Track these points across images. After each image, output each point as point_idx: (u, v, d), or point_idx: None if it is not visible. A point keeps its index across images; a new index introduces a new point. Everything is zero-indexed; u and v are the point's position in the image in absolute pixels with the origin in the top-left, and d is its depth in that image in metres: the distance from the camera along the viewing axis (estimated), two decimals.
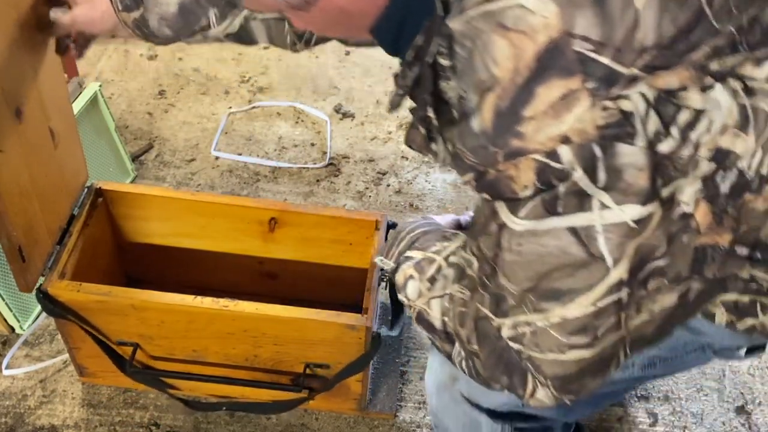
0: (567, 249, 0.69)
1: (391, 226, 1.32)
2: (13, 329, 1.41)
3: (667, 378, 1.47)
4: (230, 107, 1.98)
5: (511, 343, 0.79)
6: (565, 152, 0.64)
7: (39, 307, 1.34)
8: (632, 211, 0.65)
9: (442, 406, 1.08)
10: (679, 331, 0.81)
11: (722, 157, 0.66)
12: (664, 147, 0.64)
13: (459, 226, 1.06)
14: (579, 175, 0.65)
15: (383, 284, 1.30)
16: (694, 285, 0.72)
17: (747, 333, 0.81)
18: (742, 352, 0.90)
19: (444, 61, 0.69)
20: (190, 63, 2.10)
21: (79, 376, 1.37)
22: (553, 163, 0.65)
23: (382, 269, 1.26)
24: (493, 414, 1.02)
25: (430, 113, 0.74)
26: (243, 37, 1.10)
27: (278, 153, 1.86)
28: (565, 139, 0.64)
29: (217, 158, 1.83)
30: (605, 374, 0.78)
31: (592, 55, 0.62)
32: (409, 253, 0.97)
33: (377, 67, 2.09)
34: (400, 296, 0.96)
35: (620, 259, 0.68)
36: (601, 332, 0.73)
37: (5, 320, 1.39)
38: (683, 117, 0.64)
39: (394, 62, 0.76)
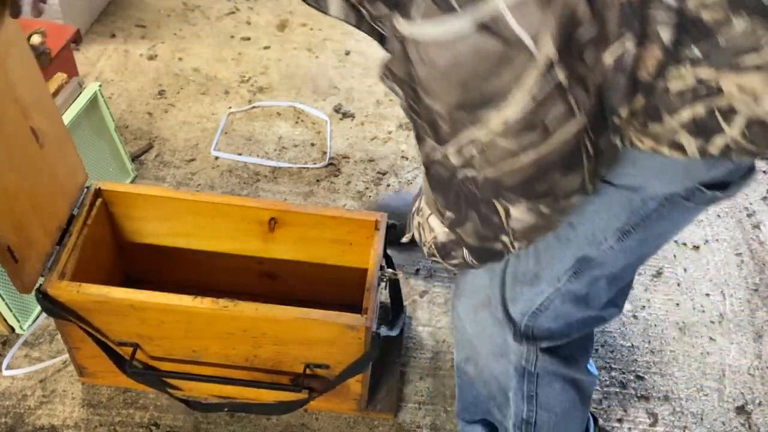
0: (480, 47, 0.62)
1: (391, 226, 1.32)
2: (13, 329, 1.41)
3: (667, 378, 1.47)
4: (230, 107, 1.97)
5: (464, 171, 0.74)
6: None
7: (39, 308, 1.34)
8: None
9: (479, 330, 1.06)
10: (647, 182, 0.78)
11: None
12: None
13: None
14: None
15: (383, 284, 1.30)
16: (629, 46, 0.64)
17: (723, 156, 0.71)
18: (728, 191, 0.85)
19: None
20: (190, 63, 2.10)
21: (78, 377, 1.37)
22: None
23: (381, 268, 1.26)
24: (520, 335, 1.01)
25: None
26: None
27: (278, 153, 1.85)
28: None
29: (217, 158, 1.83)
30: (576, 170, 0.72)
31: None
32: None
33: (377, 67, 2.09)
34: (426, 245, 0.94)
35: (539, 33, 0.61)
36: (551, 124, 0.66)
37: (5, 320, 1.39)
38: None
39: None
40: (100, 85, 1.57)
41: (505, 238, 0.80)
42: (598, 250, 0.89)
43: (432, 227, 0.92)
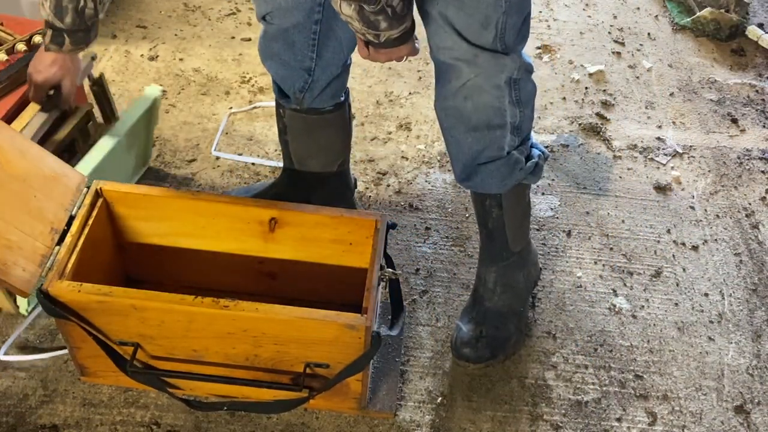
0: None
1: (391, 226, 1.33)
2: (18, 308, 1.43)
3: (666, 377, 1.47)
4: (231, 107, 1.98)
5: None
6: None
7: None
8: None
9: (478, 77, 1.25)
10: None
11: None
12: None
13: None
14: None
15: (383, 284, 1.31)
16: None
17: None
18: None
19: None
20: (191, 63, 2.10)
21: (79, 376, 1.37)
22: None
23: (381, 268, 1.26)
24: (506, 54, 1.24)
25: None
26: None
27: (278, 153, 1.86)
28: None
29: (217, 158, 1.84)
30: None
31: None
32: None
33: (377, 68, 2.10)
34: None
35: None
36: None
37: (12, 300, 1.40)
38: None
39: (393, 63, 0.76)
40: (163, 91, 1.61)
41: None
42: None
43: (349, 15, 1.11)
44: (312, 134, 1.50)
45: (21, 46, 1.58)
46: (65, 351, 1.38)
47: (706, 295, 1.63)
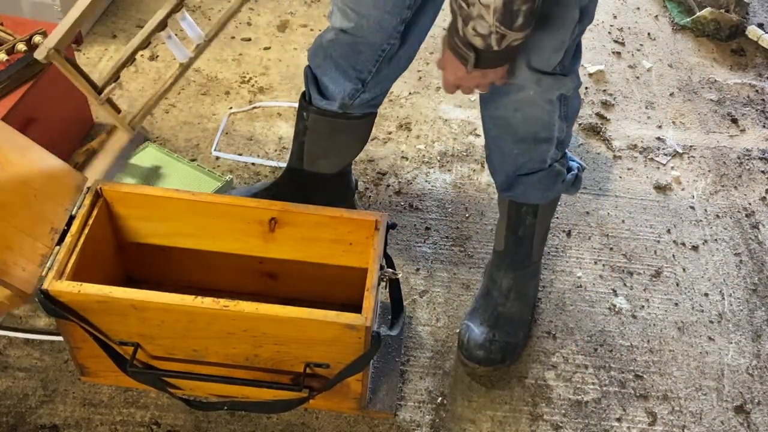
0: None
1: (391, 226, 1.33)
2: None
3: (666, 377, 1.47)
4: (231, 107, 1.98)
5: None
6: None
7: None
8: None
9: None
10: None
11: None
12: None
13: None
14: None
15: (383, 284, 1.31)
16: None
17: None
18: None
19: None
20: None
21: (80, 376, 1.37)
22: None
23: (381, 268, 1.26)
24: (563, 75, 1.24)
25: None
26: None
27: (279, 153, 1.86)
28: None
29: (217, 158, 1.84)
30: None
31: None
32: None
33: None
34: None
35: None
36: None
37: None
38: None
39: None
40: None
41: None
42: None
43: (487, 4, 0.98)
44: (333, 136, 1.49)
45: (21, 46, 1.58)
46: (66, 356, 1.38)
47: (706, 295, 1.63)
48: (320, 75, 1.41)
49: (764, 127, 2.05)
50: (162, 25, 1.44)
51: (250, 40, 2.20)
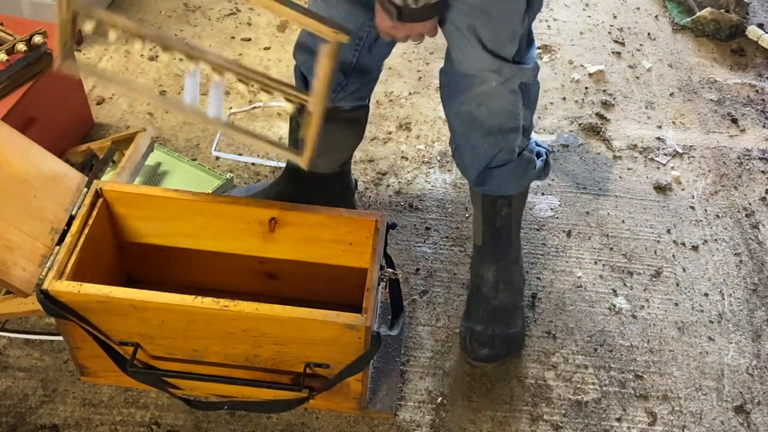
0: None
1: (391, 226, 1.33)
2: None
3: (666, 377, 1.47)
4: (231, 107, 1.98)
5: None
6: None
7: None
8: None
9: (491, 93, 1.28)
10: None
11: None
12: None
13: None
14: None
15: (383, 284, 1.31)
16: None
17: None
18: None
19: None
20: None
21: (80, 376, 1.37)
22: None
23: (381, 268, 1.26)
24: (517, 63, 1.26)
25: None
26: None
27: (278, 153, 1.86)
28: None
29: (217, 158, 1.84)
30: None
31: None
32: None
33: None
34: None
35: None
36: None
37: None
38: None
39: (393, 63, 0.76)
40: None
41: None
42: None
43: None
44: (327, 132, 1.49)
45: (21, 46, 1.58)
46: (66, 356, 1.38)
47: (706, 295, 1.63)
48: (303, 70, 1.42)
49: (764, 127, 2.05)
50: (215, 69, 1.30)
51: (250, 40, 2.20)
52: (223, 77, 1.23)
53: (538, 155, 1.45)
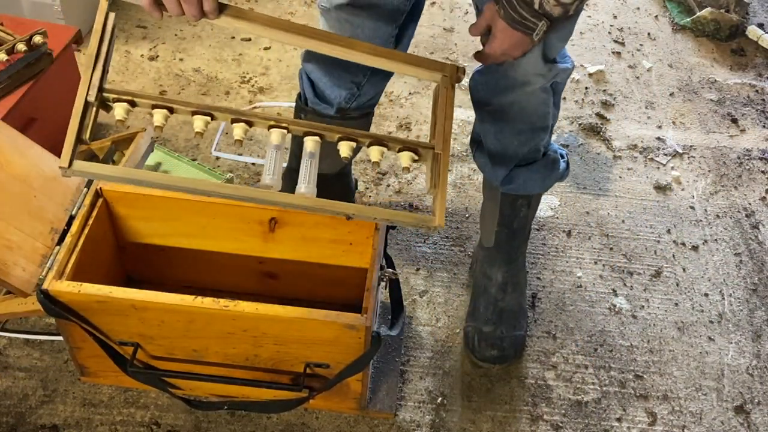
0: None
1: (391, 226, 1.33)
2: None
3: (666, 377, 1.47)
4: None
5: None
6: None
7: None
8: None
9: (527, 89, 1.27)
10: None
11: None
12: None
13: None
14: None
15: (383, 284, 1.31)
16: None
17: None
18: None
19: None
20: (191, 63, 2.10)
21: (80, 376, 1.37)
22: None
23: (381, 268, 1.26)
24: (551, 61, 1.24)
25: None
26: None
27: None
28: None
29: (217, 158, 1.84)
30: None
31: None
32: None
33: None
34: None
35: None
36: None
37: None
38: None
39: None
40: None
41: None
42: None
43: None
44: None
45: (21, 46, 1.58)
46: (66, 356, 1.38)
47: (706, 295, 1.63)
48: (315, 79, 1.40)
49: (764, 127, 2.05)
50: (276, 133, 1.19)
51: (250, 40, 2.20)
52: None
53: (561, 156, 1.45)
